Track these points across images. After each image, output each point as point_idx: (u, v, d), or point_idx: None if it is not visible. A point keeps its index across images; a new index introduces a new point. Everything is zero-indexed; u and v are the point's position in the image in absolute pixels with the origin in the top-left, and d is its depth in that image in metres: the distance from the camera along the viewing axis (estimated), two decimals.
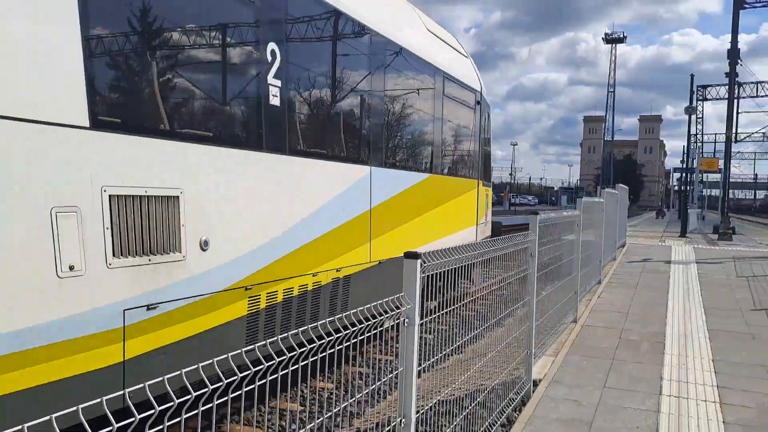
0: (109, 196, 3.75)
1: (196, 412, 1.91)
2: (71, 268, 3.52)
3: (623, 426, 4.87)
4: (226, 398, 1.98)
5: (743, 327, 8.31)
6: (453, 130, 10.54)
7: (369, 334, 2.61)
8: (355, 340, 2.56)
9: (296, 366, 2.29)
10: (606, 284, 11.76)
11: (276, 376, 2.18)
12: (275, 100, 5.44)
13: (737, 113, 35.26)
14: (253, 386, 2.11)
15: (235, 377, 1.97)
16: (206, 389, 1.86)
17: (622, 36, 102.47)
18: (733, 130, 30.85)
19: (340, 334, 2.43)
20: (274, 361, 2.16)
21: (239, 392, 2.06)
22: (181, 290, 4.34)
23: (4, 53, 3.18)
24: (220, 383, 1.90)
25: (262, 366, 2.08)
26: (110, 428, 1.48)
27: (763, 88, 43.53)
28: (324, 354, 2.40)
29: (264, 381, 2.13)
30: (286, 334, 2.27)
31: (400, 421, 2.85)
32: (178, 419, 1.83)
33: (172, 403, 1.71)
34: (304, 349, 2.29)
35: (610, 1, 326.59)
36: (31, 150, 3.31)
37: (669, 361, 6.62)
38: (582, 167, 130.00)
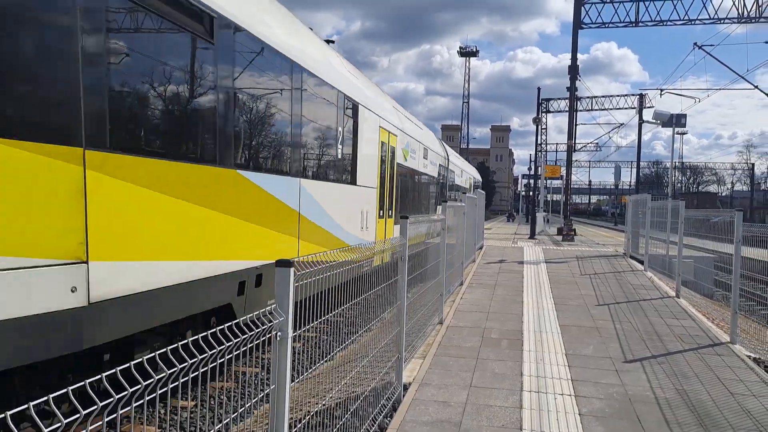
0: None
1: None
2: None
3: (489, 424, 4.98)
4: None
5: (590, 321, 9.00)
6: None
7: (231, 355, 2.33)
8: (214, 363, 2.28)
9: (153, 395, 1.99)
10: (468, 285, 12.22)
11: (129, 408, 1.87)
12: None
13: (576, 124, 38.77)
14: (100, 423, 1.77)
15: (78, 415, 1.64)
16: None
17: (474, 50, 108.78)
18: (573, 140, 33.82)
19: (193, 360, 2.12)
20: (125, 392, 1.83)
21: None
22: None
23: None
24: (58, 425, 1.57)
25: (112, 399, 1.76)
26: None
27: (596, 102, 48.45)
28: (175, 384, 2.10)
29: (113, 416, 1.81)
30: (140, 359, 1.95)
31: None
32: None
33: None
34: (163, 375, 1.99)
35: (463, 17, 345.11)
36: None
37: (528, 357, 6.95)
38: None
